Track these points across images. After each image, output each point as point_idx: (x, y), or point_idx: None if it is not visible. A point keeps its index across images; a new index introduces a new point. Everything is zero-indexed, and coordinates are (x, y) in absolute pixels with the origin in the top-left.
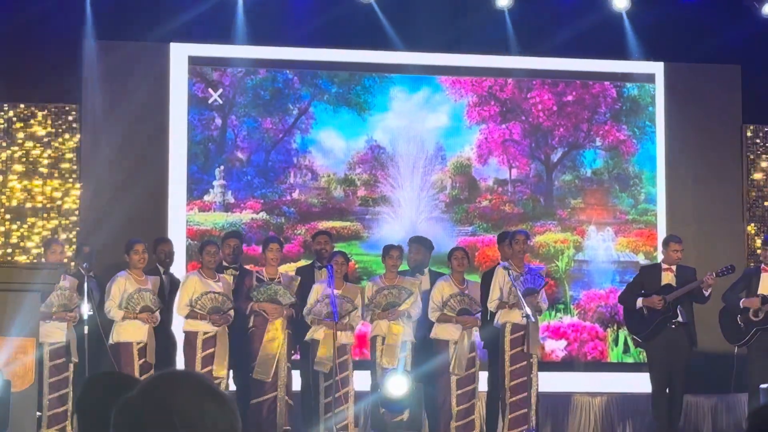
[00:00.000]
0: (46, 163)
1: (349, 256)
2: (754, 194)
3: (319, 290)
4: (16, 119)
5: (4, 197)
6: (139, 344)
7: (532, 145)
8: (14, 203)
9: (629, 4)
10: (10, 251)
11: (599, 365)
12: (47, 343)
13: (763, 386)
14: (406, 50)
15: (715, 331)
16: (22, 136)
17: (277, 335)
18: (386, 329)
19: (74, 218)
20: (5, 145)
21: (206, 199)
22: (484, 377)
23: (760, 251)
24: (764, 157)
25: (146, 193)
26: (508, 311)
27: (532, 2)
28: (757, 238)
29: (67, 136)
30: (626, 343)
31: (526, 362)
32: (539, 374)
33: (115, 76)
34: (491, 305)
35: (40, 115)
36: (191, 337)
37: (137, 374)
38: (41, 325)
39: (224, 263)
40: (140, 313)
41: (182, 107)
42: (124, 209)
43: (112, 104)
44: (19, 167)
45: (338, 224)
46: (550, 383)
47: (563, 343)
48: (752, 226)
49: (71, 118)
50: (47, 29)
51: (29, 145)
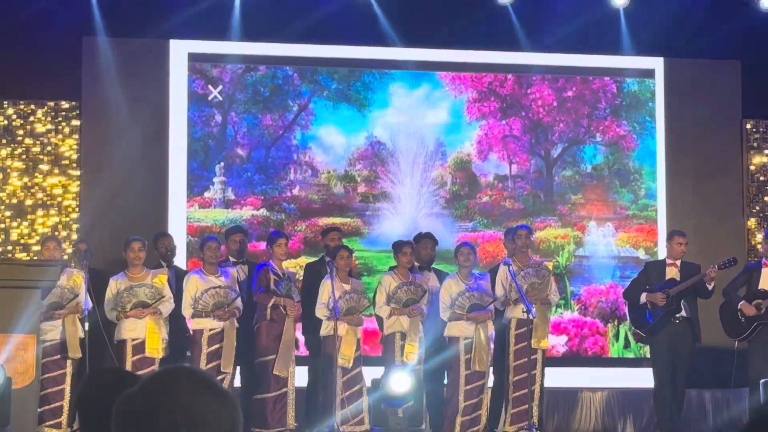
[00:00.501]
0: (46, 160)
1: (353, 250)
2: (754, 189)
3: (329, 286)
4: (16, 116)
5: (4, 194)
6: (134, 341)
7: (532, 140)
8: (14, 200)
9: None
10: (10, 248)
11: (600, 360)
12: (41, 340)
13: (763, 381)
14: (405, 46)
15: (716, 326)
16: (22, 133)
17: (291, 332)
18: (407, 326)
19: (74, 215)
20: (5, 142)
21: (206, 195)
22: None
23: (760, 246)
24: (767, 152)
25: (146, 189)
26: (512, 307)
27: None
28: (757, 233)
29: (67, 132)
30: (627, 338)
31: (529, 358)
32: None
33: (115, 73)
34: (495, 302)
35: (40, 112)
36: (197, 335)
37: (131, 371)
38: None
39: (231, 259)
40: (131, 310)
41: (182, 104)
42: (124, 206)
43: (112, 101)
44: (19, 164)
45: (338, 220)
46: (551, 379)
47: (564, 338)
48: (753, 221)
49: (71, 115)
50: (48, 26)
51: (29, 142)
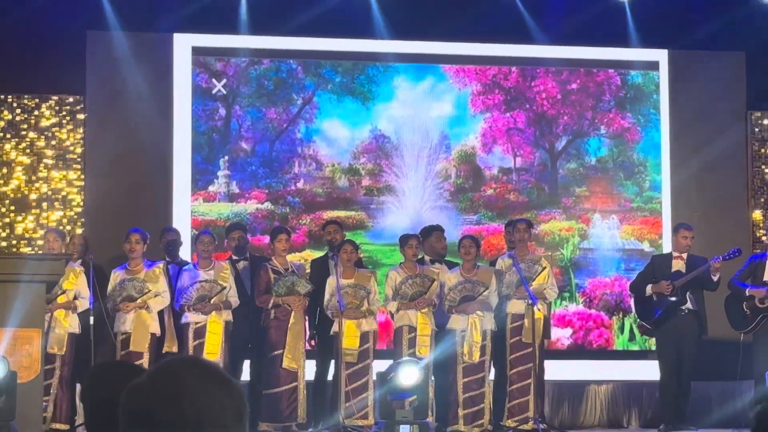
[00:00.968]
0: (50, 154)
1: (358, 244)
2: (759, 181)
3: (333, 283)
4: (20, 110)
5: (8, 189)
6: (123, 335)
7: (536, 133)
8: (19, 195)
9: None
10: (15, 242)
11: (605, 353)
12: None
13: None
14: (409, 39)
15: (721, 318)
16: (26, 127)
17: (299, 323)
18: (415, 319)
19: (79, 209)
20: (9, 136)
21: (211, 189)
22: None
23: (766, 238)
24: None
25: (151, 183)
26: (509, 301)
27: None
28: (762, 224)
29: (71, 127)
30: (632, 330)
31: (526, 351)
32: (545, 362)
33: (119, 67)
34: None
35: (44, 106)
36: (185, 329)
37: None
38: None
39: (233, 256)
40: (119, 303)
41: (186, 98)
42: (128, 200)
43: (116, 95)
44: (23, 158)
45: (343, 214)
46: (555, 371)
47: (569, 331)
48: (758, 213)
49: (76, 109)
50: (52, 21)
51: (33, 136)
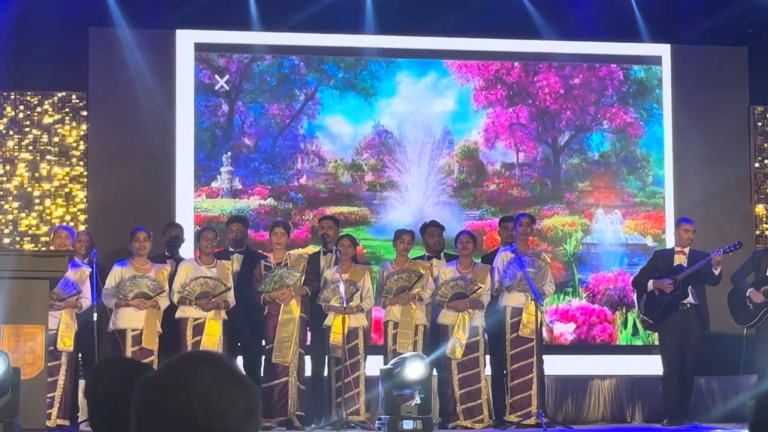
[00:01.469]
0: (53, 151)
1: (357, 239)
2: (762, 176)
3: (329, 276)
4: (23, 107)
5: (12, 185)
6: (134, 331)
7: (539, 128)
8: (22, 191)
9: None
10: (18, 239)
11: (608, 348)
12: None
13: None
14: (412, 35)
15: (724, 312)
16: (29, 124)
17: (293, 316)
18: (399, 314)
19: (82, 206)
20: (12, 133)
21: (214, 185)
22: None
23: None
24: None
25: (154, 180)
26: (508, 295)
27: None
28: (765, 219)
29: (74, 124)
30: (635, 325)
31: (527, 346)
32: (549, 357)
33: (121, 63)
34: (491, 290)
35: (47, 103)
36: (182, 324)
37: None
38: None
39: (230, 248)
40: (132, 299)
41: (189, 94)
42: (131, 196)
43: (119, 92)
44: (26, 155)
45: (346, 209)
46: (559, 366)
47: (572, 326)
48: (761, 207)
49: (78, 106)
50: (54, 17)
51: (36, 133)
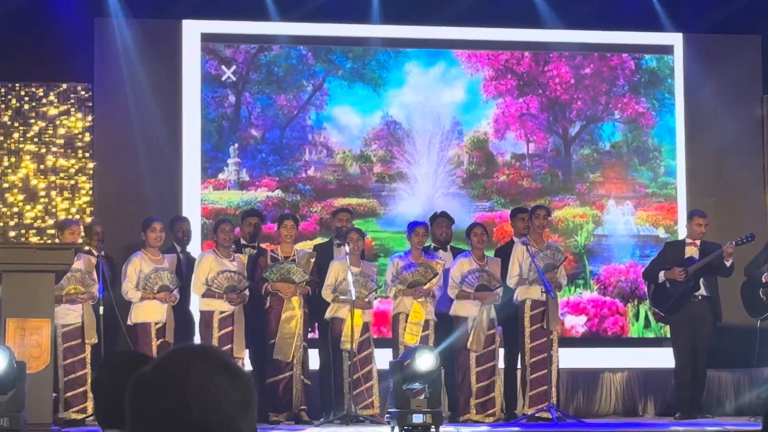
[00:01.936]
0: (59, 143)
1: (365, 232)
2: None
3: (337, 267)
4: (28, 99)
5: (17, 177)
6: (157, 324)
7: (549, 118)
8: (27, 184)
9: None
10: (23, 232)
11: (620, 341)
12: (60, 324)
13: None
14: (420, 24)
15: (737, 305)
16: (34, 115)
17: (294, 313)
18: (410, 306)
19: (88, 198)
20: (17, 125)
21: (221, 177)
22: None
23: None
24: None
25: (160, 171)
26: (527, 288)
27: None
28: None
29: (80, 115)
30: (647, 318)
31: (545, 339)
32: (560, 350)
33: (127, 54)
34: (511, 282)
35: (52, 94)
36: (207, 316)
37: (155, 354)
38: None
39: (242, 242)
40: (158, 292)
41: (195, 85)
42: (138, 188)
43: (124, 83)
44: (32, 147)
45: (354, 201)
46: (570, 359)
47: (583, 318)
48: None
49: (84, 97)
50: (59, 7)
51: (42, 124)
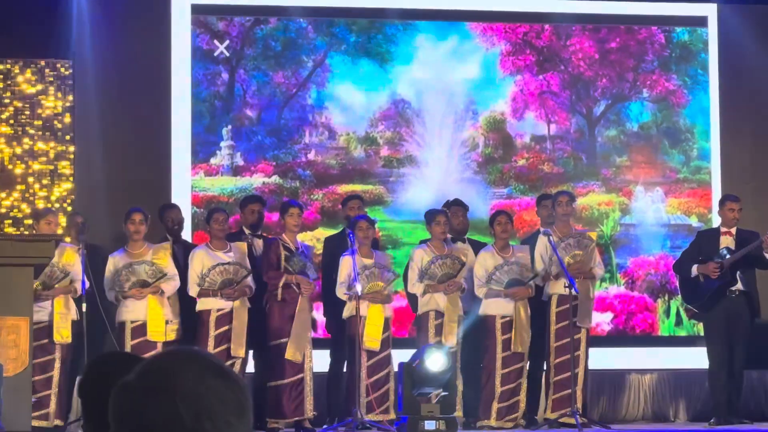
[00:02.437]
0: (36, 124)
1: (375, 220)
2: None
3: (348, 262)
4: (2, 76)
5: None
6: (134, 323)
7: (572, 97)
8: (2, 169)
9: None
10: None
11: (649, 339)
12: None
13: None
14: None
15: None
16: (9, 95)
17: (305, 311)
18: (444, 304)
19: (68, 185)
20: None
21: (213, 162)
22: None
23: None
24: None
25: (147, 156)
26: (554, 282)
27: None
28: None
29: (59, 94)
30: (678, 314)
31: (572, 338)
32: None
33: (111, 27)
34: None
35: (28, 71)
36: (204, 315)
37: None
38: None
39: (245, 231)
40: (130, 289)
41: (185, 61)
42: (123, 174)
43: (108, 59)
44: (6, 129)
45: (359, 188)
46: (595, 360)
47: (609, 315)
48: None
49: (63, 74)
50: None
51: (18, 104)
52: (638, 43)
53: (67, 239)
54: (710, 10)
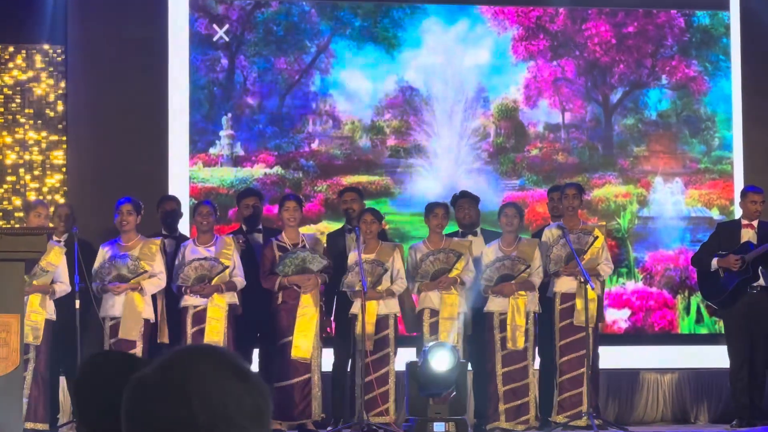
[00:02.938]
0: (28, 112)
1: (381, 214)
2: None
3: (352, 258)
4: None
5: None
6: (112, 320)
7: (587, 84)
8: None
9: None
10: None
11: (668, 337)
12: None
13: None
14: None
15: None
16: None
17: (311, 307)
18: (438, 301)
19: (60, 176)
20: None
21: (212, 152)
22: None
23: None
24: None
25: (143, 146)
26: (557, 279)
27: None
28: None
29: (51, 81)
30: (699, 311)
31: (579, 336)
32: (600, 349)
33: (105, 11)
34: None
35: (19, 57)
36: (183, 313)
37: None
38: None
39: (243, 227)
40: (108, 283)
41: (183, 46)
42: (118, 165)
43: (102, 44)
44: None
45: (365, 179)
46: (612, 359)
47: (627, 312)
48: None
49: (56, 60)
50: None
51: (8, 92)
52: (657, 27)
53: (54, 237)
54: None
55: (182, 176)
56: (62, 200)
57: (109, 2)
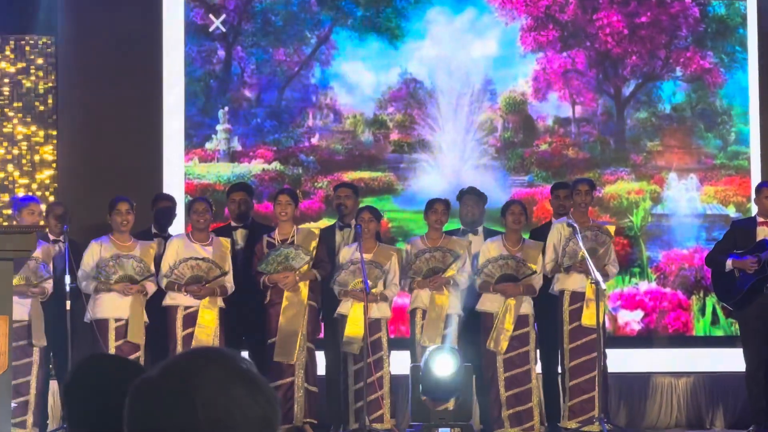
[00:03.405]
0: (16, 106)
1: (380, 212)
2: None
3: (346, 255)
4: None
5: None
6: (118, 322)
7: (599, 76)
8: None
9: None
10: None
11: (683, 340)
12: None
13: None
14: None
15: None
16: None
17: (300, 306)
18: (428, 301)
19: (51, 172)
20: None
21: (208, 147)
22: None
23: None
24: None
25: (136, 141)
26: (565, 277)
27: None
28: None
29: (40, 73)
30: (715, 313)
31: (589, 338)
32: (612, 352)
33: (97, 1)
34: (546, 268)
35: (7, 48)
36: (171, 312)
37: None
38: None
39: (232, 223)
40: (116, 283)
41: (178, 37)
42: (110, 161)
43: (94, 35)
44: None
45: (367, 175)
46: (624, 362)
47: (639, 314)
48: None
49: (46, 52)
50: None
51: None
52: (671, 17)
53: (51, 237)
54: None
55: (177, 172)
56: (51, 198)
57: None
